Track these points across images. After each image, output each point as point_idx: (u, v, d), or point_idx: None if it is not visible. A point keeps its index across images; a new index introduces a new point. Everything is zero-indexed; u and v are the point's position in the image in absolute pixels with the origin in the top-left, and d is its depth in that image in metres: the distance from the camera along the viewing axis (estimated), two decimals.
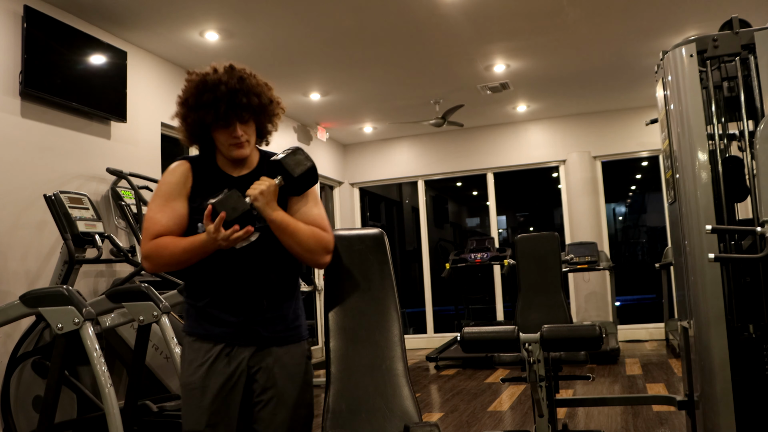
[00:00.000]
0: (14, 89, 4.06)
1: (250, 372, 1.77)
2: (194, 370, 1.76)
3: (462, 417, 4.41)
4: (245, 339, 1.77)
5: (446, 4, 4.83)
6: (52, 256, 4.20)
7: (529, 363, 2.74)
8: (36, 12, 4.15)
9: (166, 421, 3.57)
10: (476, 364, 6.59)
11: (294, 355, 1.81)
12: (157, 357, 3.92)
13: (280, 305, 1.81)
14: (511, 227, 11.55)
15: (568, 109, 8.15)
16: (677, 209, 2.67)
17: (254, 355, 1.77)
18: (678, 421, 3.95)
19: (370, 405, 1.88)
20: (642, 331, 8.19)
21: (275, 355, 1.78)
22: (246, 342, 1.77)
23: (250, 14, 4.82)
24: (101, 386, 2.68)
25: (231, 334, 1.76)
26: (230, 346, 1.76)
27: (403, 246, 11.04)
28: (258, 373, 1.77)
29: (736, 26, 2.58)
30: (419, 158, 8.97)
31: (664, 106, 2.76)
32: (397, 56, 5.89)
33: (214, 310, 1.77)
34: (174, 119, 1.85)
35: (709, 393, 2.49)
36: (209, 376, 1.74)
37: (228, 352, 1.76)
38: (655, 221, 9.75)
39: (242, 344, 1.77)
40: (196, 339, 1.79)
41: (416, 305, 9.07)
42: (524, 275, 6.22)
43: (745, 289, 2.49)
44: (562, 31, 5.47)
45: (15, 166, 4.05)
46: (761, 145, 2.23)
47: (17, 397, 3.72)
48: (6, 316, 2.96)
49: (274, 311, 1.80)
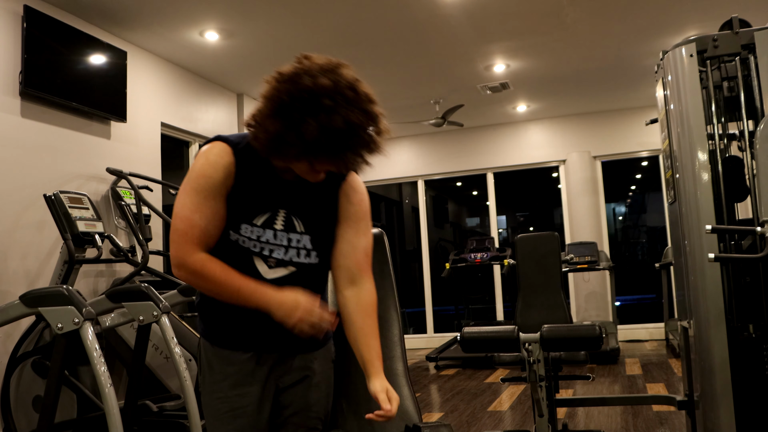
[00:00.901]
0: (14, 89, 4.06)
1: (277, 381, 1.61)
2: (217, 377, 1.59)
3: (462, 417, 4.41)
4: (268, 345, 1.59)
5: (446, 4, 4.83)
6: (52, 256, 4.20)
7: (529, 363, 2.75)
8: (36, 12, 4.15)
9: (166, 421, 3.58)
10: (476, 364, 6.58)
11: (321, 362, 1.66)
12: (157, 357, 3.92)
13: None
14: (511, 227, 11.56)
15: (568, 109, 8.15)
16: (677, 209, 2.67)
17: (279, 363, 1.60)
18: (678, 421, 3.95)
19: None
20: (642, 331, 8.19)
21: (302, 363, 1.63)
22: (269, 348, 1.59)
23: (250, 14, 4.82)
24: (101, 386, 2.67)
25: (253, 340, 1.58)
26: (255, 352, 1.58)
27: (403, 246, 11.04)
28: (284, 382, 1.62)
29: (736, 26, 2.58)
30: (419, 158, 8.97)
31: (664, 106, 2.76)
32: (397, 56, 5.89)
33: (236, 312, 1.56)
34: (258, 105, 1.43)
35: (709, 393, 2.49)
36: (232, 385, 1.58)
37: (254, 359, 1.58)
38: (655, 221, 9.75)
39: (265, 350, 1.59)
40: (217, 344, 1.61)
41: (416, 305, 9.06)
42: (524, 275, 6.23)
43: (745, 289, 2.49)
44: (562, 31, 5.47)
45: (15, 166, 4.05)
46: (761, 145, 2.23)
47: (17, 397, 3.72)
48: (6, 316, 2.96)
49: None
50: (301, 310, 1.47)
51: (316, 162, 1.42)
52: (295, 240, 1.55)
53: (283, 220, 1.55)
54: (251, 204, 1.52)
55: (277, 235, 1.53)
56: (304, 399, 1.63)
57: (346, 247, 1.60)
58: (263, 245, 1.52)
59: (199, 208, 1.47)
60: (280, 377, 1.61)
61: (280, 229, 1.54)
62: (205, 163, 1.48)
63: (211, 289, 1.50)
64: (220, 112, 6.35)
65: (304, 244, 1.56)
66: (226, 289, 1.48)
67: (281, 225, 1.54)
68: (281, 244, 1.54)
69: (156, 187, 5.07)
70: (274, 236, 1.53)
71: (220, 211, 1.49)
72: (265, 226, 1.53)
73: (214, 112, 6.25)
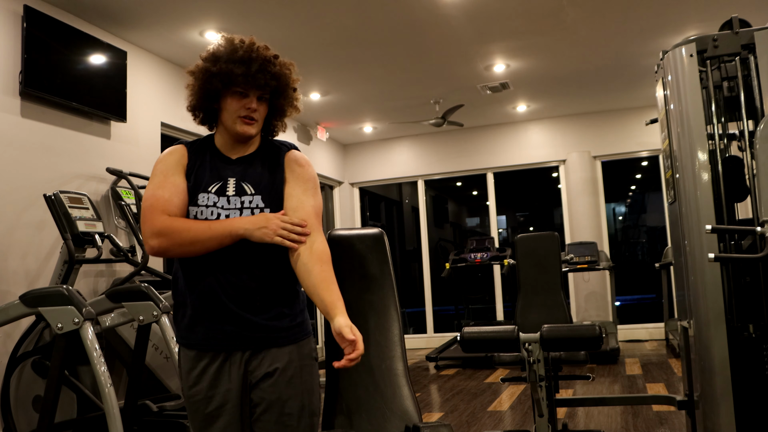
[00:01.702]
0: (14, 89, 4.06)
1: (249, 377, 1.65)
2: (194, 380, 1.67)
3: (462, 417, 4.41)
4: (239, 342, 1.64)
5: (446, 4, 4.83)
6: (52, 255, 4.20)
7: (529, 363, 2.75)
8: (36, 12, 4.15)
9: (166, 420, 3.58)
10: (476, 364, 6.59)
11: (294, 356, 1.67)
12: (157, 357, 3.92)
13: (276, 304, 1.67)
14: (511, 227, 11.55)
15: (568, 109, 8.15)
16: (677, 209, 2.67)
17: (251, 359, 1.65)
18: (678, 421, 3.95)
19: (370, 405, 1.88)
20: (642, 331, 8.19)
21: (272, 357, 1.65)
22: (239, 345, 1.65)
23: (250, 14, 4.82)
24: (101, 386, 2.68)
25: (222, 340, 1.64)
26: (225, 351, 1.65)
27: (403, 246, 11.04)
28: (255, 377, 1.65)
29: (736, 26, 2.58)
30: (419, 158, 8.97)
31: (664, 106, 2.76)
32: (397, 56, 5.90)
33: (204, 312, 1.65)
34: (189, 76, 1.73)
35: (709, 393, 2.49)
36: (209, 386, 1.65)
37: (225, 358, 1.65)
38: (655, 221, 9.75)
39: (237, 348, 1.65)
40: (188, 347, 1.69)
41: (416, 305, 9.06)
42: (524, 275, 6.23)
43: (745, 289, 2.49)
44: (561, 31, 5.47)
45: (15, 166, 4.05)
46: (761, 145, 2.23)
47: (17, 396, 3.72)
48: (6, 315, 2.96)
49: (268, 310, 1.66)
50: (275, 222, 1.62)
51: (232, 93, 1.67)
52: (247, 201, 1.68)
53: (234, 186, 1.70)
54: (204, 176, 1.70)
55: (231, 200, 1.68)
56: (276, 394, 1.65)
57: (294, 202, 1.70)
58: (219, 211, 1.66)
59: (161, 184, 1.67)
60: (252, 373, 1.66)
61: (232, 194, 1.69)
62: (160, 157, 1.75)
63: (184, 238, 1.60)
64: None
65: (257, 203, 1.68)
66: (197, 230, 1.61)
67: (233, 191, 1.69)
68: (235, 207, 1.67)
69: None
70: (228, 201, 1.68)
71: (180, 184, 1.68)
72: (218, 193, 1.68)
73: None
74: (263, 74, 1.66)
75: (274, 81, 1.69)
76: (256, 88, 1.68)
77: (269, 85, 1.68)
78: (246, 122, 1.69)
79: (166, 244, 1.61)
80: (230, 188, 1.69)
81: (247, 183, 1.70)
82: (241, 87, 1.67)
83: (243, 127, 1.69)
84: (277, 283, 1.69)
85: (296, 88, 1.78)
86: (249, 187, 1.69)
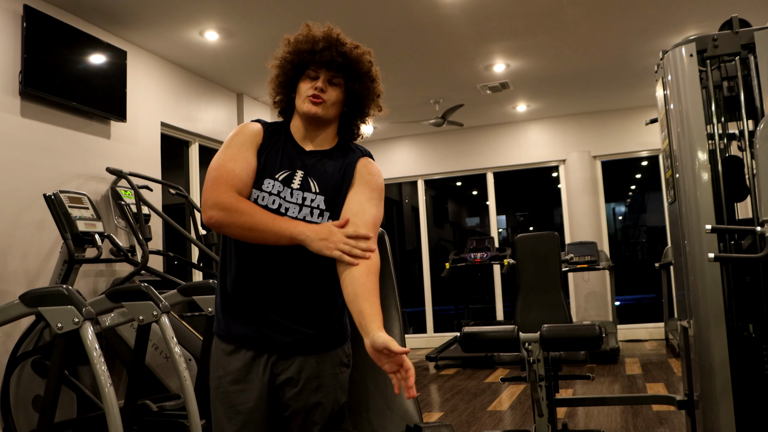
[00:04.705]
0: (14, 89, 4.06)
1: (275, 380, 1.62)
2: (224, 372, 1.64)
3: (462, 417, 4.41)
4: (270, 345, 1.61)
5: (446, 4, 4.83)
6: (52, 255, 4.20)
7: (528, 362, 2.75)
8: (36, 12, 4.15)
9: (166, 420, 3.57)
10: (476, 364, 6.58)
11: (324, 365, 1.63)
12: (157, 357, 3.92)
13: (313, 312, 1.63)
14: (510, 227, 11.55)
15: (567, 109, 8.15)
16: (677, 209, 2.67)
17: (278, 362, 1.62)
18: (678, 420, 3.95)
19: (371, 404, 1.88)
20: (642, 330, 8.19)
21: (300, 365, 1.61)
22: (270, 347, 1.61)
23: (250, 14, 4.82)
24: (101, 386, 2.67)
25: (257, 339, 1.61)
26: (255, 350, 1.62)
27: (403, 246, 11.03)
28: (280, 380, 1.62)
29: (736, 26, 2.58)
30: (419, 158, 8.97)
31: (664, 106, 2.76)
32: (397, 56, 5.89)
33: (243, 308, 1.63)
34: (272, 62, 1.74)
35: (709, 392, 2.49)
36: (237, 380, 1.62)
37: (255, 356, 1.62)
38: (655, 221, 9.75)
39: (266, 349, 1.61)
40: (222, 339, 1.66)
41: (416, 305, 9.06)
42: (524, 275, 6.23)
43: (744, 289, 2.49)
44: (561, 31, 5.47)
45: (15, 166, 4.05)
46: (761, 144, 2.23)
47: (17, 396, 3.72)
48: (6, 315, 2.96)
49: (304, 317, 1.62)
50: (338, 236, 1.53)
51: (305, 75, 1.66)
52: (309, 199, 1.62)
53: (300, 179, 1.63)
54: (275, 162, 1.63)
55: (294, 193, 1.62)
56: (302, 402, 1.63)
57: (356, 206, 1.62)
58: (281, 201, 1.60)
59: (232, 157, 1.60)
60: (278, 377, 1.63)
61: (297, 187, 1.62)
62: (237, 129, 1.68)
63: (245, 222, 1.53)
64: (220, 111, 6.35)
65: (318, 204, 1.62)
66: (260, 219, 1.53)
67: (298, 184, 1.63)
68: (296, 203, 1.61)
69: (156, 187, 5.07)
70: (290, 194, 1.61)
71: (251, 160, 1.62)
72: (284, 183, 1.62)
73: (214, 111, 6.25)
74: (329, 51, 1.63)
75: (340, 58, 1.64)
76: (324, 66, 1.64)
77: (335, 61, 1.63)
78: (312, 100, 1.63)
79: (225, 219, 1.53)
80: (296, 181, 1.63)
81: (313, 180, 1.64)
82: (311, 68, 1.65)
83: (308, 106, 1.63)
84: (319, 292, 1.65)
85: (375, 78, 1.74)
86: (315, 185, 1.63)
